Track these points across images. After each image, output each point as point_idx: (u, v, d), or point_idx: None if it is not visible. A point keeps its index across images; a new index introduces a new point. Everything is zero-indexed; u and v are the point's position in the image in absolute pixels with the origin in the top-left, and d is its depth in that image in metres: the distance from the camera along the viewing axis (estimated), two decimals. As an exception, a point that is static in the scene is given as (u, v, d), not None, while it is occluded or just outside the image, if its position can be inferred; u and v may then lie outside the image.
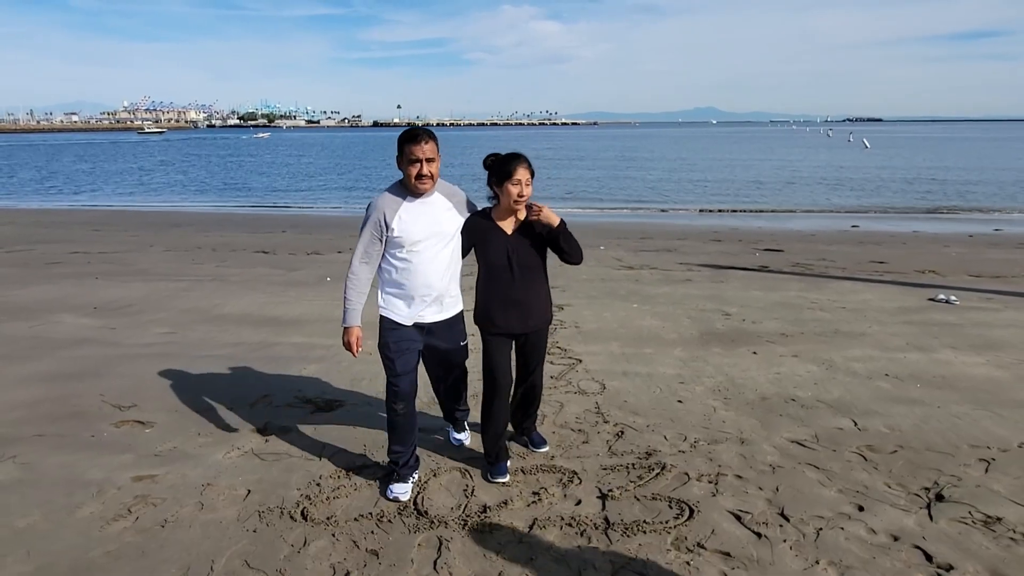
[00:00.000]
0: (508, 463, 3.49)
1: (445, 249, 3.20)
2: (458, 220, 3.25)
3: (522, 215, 3.27)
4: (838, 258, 9.89)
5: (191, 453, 3.70)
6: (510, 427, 3.71)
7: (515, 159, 3.16)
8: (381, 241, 3.12)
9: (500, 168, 3.18)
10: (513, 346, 3.43)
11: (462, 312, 3.39)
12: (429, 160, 3.05)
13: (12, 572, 2.66)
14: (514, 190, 3.14)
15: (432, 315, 3.24)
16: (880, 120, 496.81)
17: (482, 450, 3.54)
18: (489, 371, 3.37)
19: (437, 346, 3.33)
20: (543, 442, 3.74)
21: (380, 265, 3.20)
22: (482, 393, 3.47)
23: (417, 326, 3.23)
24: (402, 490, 3.26)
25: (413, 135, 3.07)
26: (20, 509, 3.11)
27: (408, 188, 3.13)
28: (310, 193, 25.42)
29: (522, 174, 3.14)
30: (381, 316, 3.25)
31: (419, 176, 3.05)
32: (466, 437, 3.78)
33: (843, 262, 9.53)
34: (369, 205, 3.15)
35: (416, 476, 3.40)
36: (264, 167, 39.25)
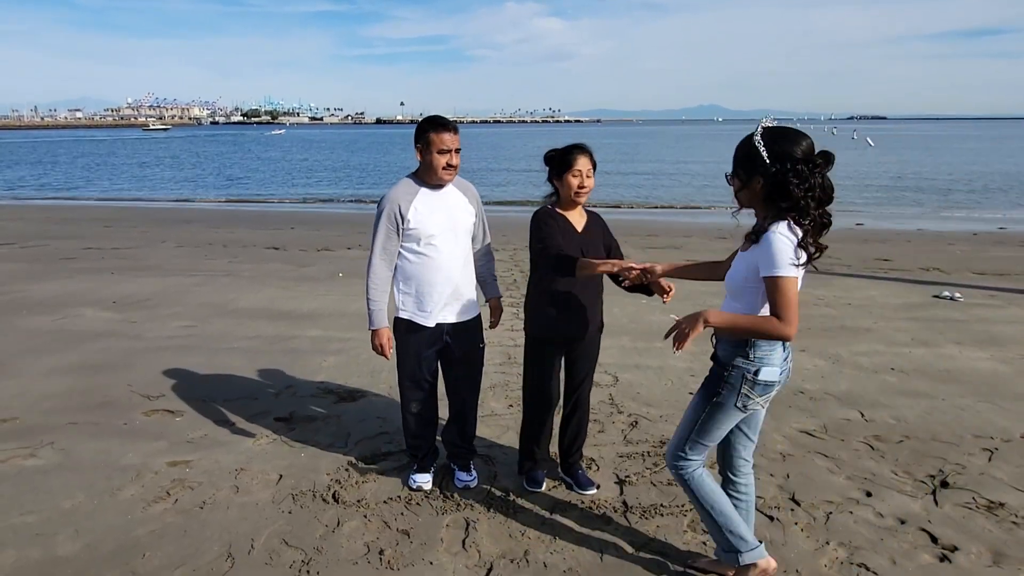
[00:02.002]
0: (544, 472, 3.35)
1: (461, 244, 3.12)
2: (472, 215, 3.16)
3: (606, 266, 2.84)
4: (843, 255, 9.97)
5: (222, 440, 3.84)
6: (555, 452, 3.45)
7: (576, 149, 2.98)
8: (398, 235, 3.02)
9: (560, 159, 3.00)
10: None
11: (480, 315, 3.28)
12: (457, 151, 2.99)
13: (64, 549, 2.80)
14: (574, 181, 2.96)
15: (453, 315, 3.12)
16: (884, 118, 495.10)
17: (491, 442, 3.60)
18: (538, 383, 3.16)
19: (456, 349, 3.18)
20: (590, 483, 3.30)
21: (396, 264, 3.10)
22: (524, 404, 3.29)
23: (438, 327, 3.11)
24: (424, 479, 3.33)
25: (444, 123, 2.98)
26: (64, 491, 3.25)
27: (424, 179, 3.05)
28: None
29: (583, 164, 2.96)
30: (399, 319, 3.13)
31: (447, 166, 2.98)
32: (473, 480, 3.36)
33: (848, 259, 9.63)
34: (382, 199, 3.05)
35: (436, 465, 3.45)
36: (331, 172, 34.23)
